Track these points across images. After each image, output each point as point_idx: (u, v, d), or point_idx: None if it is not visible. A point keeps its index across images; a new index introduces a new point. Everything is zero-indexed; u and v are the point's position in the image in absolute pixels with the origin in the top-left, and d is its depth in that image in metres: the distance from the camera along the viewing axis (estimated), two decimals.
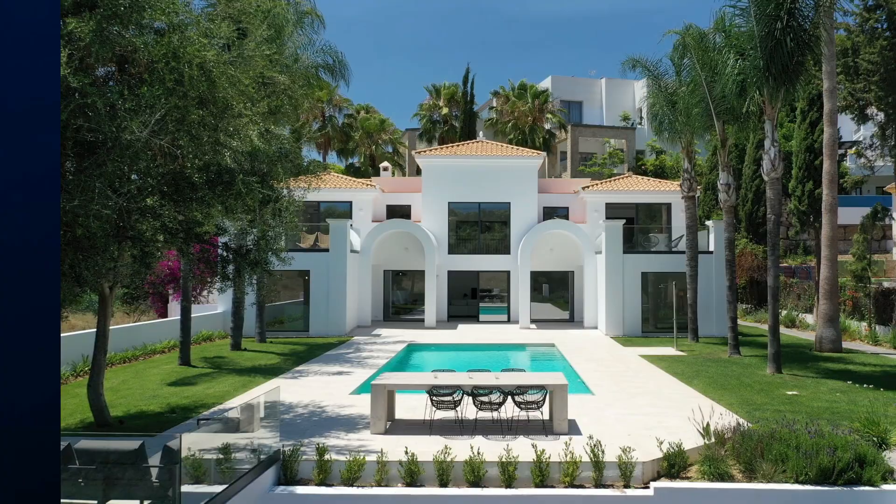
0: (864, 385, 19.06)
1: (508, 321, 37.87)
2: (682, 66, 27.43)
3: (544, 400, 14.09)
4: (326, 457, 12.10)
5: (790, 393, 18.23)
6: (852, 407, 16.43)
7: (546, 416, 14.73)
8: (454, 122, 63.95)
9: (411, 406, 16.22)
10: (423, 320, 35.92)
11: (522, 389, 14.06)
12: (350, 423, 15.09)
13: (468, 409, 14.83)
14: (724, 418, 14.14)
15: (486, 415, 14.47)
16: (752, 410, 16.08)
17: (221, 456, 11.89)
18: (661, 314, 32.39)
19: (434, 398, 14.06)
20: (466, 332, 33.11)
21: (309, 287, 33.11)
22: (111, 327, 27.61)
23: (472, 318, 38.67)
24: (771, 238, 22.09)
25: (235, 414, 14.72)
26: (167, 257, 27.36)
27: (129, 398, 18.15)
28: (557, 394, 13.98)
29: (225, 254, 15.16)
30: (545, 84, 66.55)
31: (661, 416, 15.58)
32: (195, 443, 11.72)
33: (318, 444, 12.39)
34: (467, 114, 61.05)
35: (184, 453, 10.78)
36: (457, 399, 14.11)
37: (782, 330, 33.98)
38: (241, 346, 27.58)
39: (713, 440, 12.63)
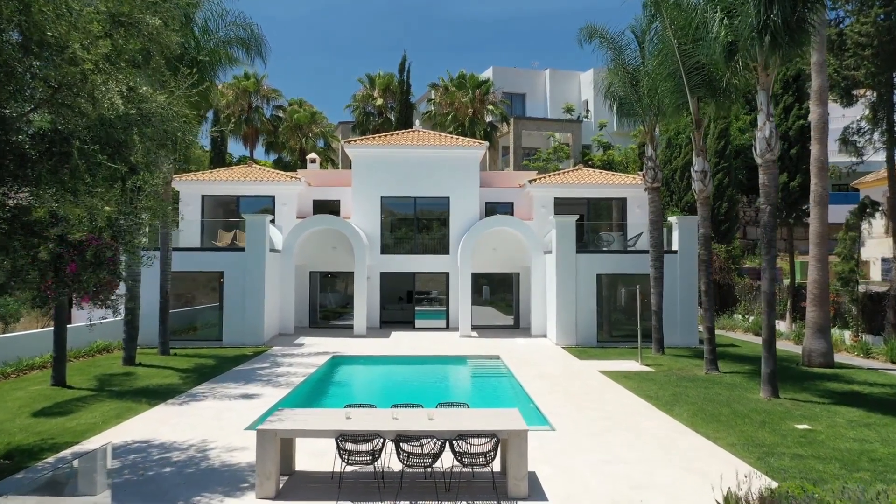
0: (887, 413, 15.74)
1: (447, 328, 34.40)
2: (648, 35, 23.72)
3: (495, 452, 10.13)
4: None
5: (801, 427, 14.63)
6: (893, 450, 12.99)
7: (497, 468, 11.04)
8: (389, 114, 60.13)
9: (318, 450, 12.45)
10: (352, 327, 32.21)
11: (465, 436, 10.21)
12: (234, 479, 11.13)
13: (392, 457, 11.12)
14: (749, 480, 10.00)
15: (416, 468, 10.61)
16: (764, 456, 12.49)
17: None
18: (617, 320, 29.01)
19: (343, 449, 10.09)
20: (400, 342, 29.53)
21: (222, 290, 29.20)
22: None
23: (408, 324, 35.11)
24: (766, 233, 18.17)
25: (75, 464, 11.06)
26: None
27: None
28: (513, 443, 10.11)
29: (60, 251, 11.08)
30: (486, 75, 63.20)
31: (649, 465, 11.89)
32: None
33: None
34: (404, 105, 57.28)
35: None
36: (376, 449, 10.16)
37: (752, 339, 30.89)
38: (135, 360, 23.55)
39: None
